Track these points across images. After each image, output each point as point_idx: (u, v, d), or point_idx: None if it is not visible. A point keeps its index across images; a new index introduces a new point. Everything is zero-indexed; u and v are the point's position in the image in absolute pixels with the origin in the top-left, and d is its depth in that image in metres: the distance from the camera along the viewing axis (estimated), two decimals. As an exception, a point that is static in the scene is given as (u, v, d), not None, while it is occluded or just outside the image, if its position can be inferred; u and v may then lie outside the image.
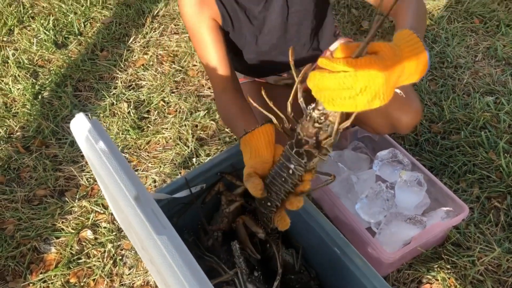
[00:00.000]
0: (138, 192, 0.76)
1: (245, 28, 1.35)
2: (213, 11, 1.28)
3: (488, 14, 2.28)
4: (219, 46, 1.29)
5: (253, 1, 1.31)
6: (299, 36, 1.43)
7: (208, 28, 1.28)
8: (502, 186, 1.64)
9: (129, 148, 1.85)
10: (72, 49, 2.30)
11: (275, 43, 1.41)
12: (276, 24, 1.37)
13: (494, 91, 1.96)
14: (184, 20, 1.30)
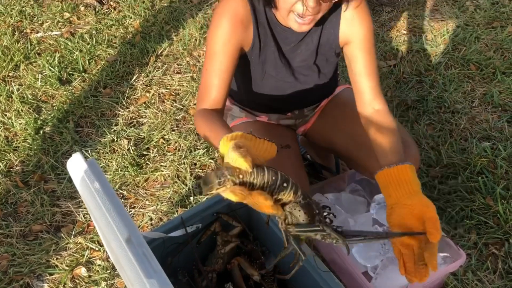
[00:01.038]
0: (130, 234, 0.76)
1: (270, 62, 1.36)
2: (247, 36, 1.27)
3: (484, 62, 2.33)
4: (230, 72, 1.27)
5: (286, 41, 1.32)
6: (316, 81, 1.46)
7: (231, 52, 1.25)
8: (500, 232, 1.63)
9: (127, 185, 1.86)
10: (76, 86, 2.34)
11: (292, 83, 1.43)
12: (300, 66, 1.39)
13: (491, 137, 1.98)
14: (212, 36, 1.25)
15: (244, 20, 1.24)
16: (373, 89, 1.32)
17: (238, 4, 1.23)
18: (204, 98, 1.27)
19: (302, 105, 1.55)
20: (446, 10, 2.70)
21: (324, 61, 1.40)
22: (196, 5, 2.89)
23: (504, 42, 2.42)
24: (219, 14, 1.24)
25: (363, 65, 1.32)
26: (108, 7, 2.91)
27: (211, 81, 1.26)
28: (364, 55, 1.32)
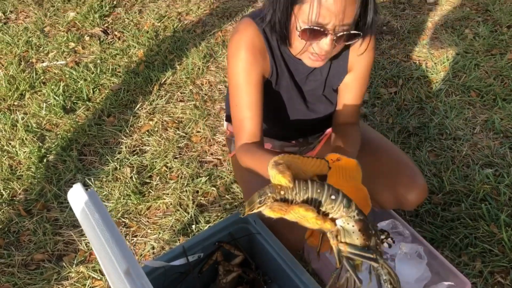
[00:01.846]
0: (129, 267, 0.76)
1: (284, 90, 1.37)
2: (266, 64, 1.28)
3: (484, 88, 2.34)
4: (260, 101, 1.27)
5: (297, 71, 1.34)
6: (322, 111, 1.47)
7: (256, 82, 1.25)
8: (505, 260, 1.61)
9: (129, 213, 1.86)
10: (80, 114, 2.37)
11: (302, 111, 1.44)
12: (308, 95, 1.41)
13: (493, 163, 1.97)
14: (234, 68, 1.25)
15: (261, 50, 1.25)
16: (352, 112, 1.39)
17: (253, 35, 1.24)
18: (240, 133, 1.27)
19: (308, 133, 1.56)
20: (445, 38, 2.73)
21: (331, 92, 1.42)
22: (199, 34, 2.93)
23: (503, 69, 2.45)
24: (236, 46, 1.24)
25: (351, 94, 1.37)
26: (112, 37, 2.96)
27: (243, 114, 1.26)
28: (358, 85, 1.36)
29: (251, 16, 1.27)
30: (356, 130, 1.36)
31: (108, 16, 3.16)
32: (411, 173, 1.41)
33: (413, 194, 1.39)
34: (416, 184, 1.39)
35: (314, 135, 1.58)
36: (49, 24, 3.10)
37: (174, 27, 2.99)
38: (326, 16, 1.06)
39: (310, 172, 0.95)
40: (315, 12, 1.05)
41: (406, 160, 1.46)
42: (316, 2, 1.04)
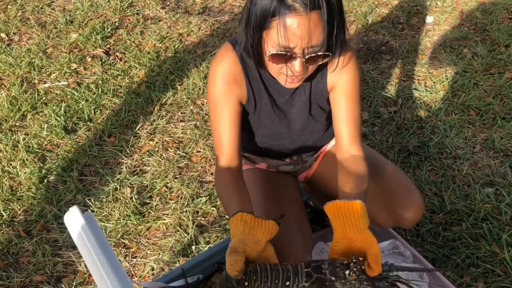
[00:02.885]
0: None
1: (265, 114, 1.40)
2: (242, 92, 1.32)
3: (484, 107, 2.35)
4: (236, 127, 1.32)
5: (279, 93, 1.36)
6: (313, 130, 1.49)
7: (231, 109, 1.30)
8: (508, 281, 1.60)
9: (129, 234, 1.85)
10: (81, 135, 2.38)
11: (290, 132, 1.46)
12: (297, 117, 1.42)
13: (494, 183, 1.97)
14: (211, 96, 1.31)
15: (237, 77, 1.29)
16: (351, 136, 1.35)
17: (230, 63, 1.28)
18: (220, 156, 1.32)
19: (300, 152, 1.57)
20: (444, 57, 2.76)
21: (318, 110, 1.43)
22: (200, 55, 2.97)
23: (502, 88, 2.46)
24: (213, 74, 1.29)
25: (344, 113, 1.35)
26: (114, 58, 2.99)
27: (221, 139, 1.31)
28: (347, 103, 1.34)
29: (231, 41, 1.31)
30: (362, 165, 1.32)
31: (110, 37, 3.20)
32: (406, 191, 1.41)
33: (410, 212, 1.38)
34: (413, 202, 1.38)
35: (309, 153, 1.59)
36: (52, 46, 3.14)
37: (175, 48, 3.02)
38: (293, 40, 1.09)
39: (264, 241, 1.07)
40: (282, 36, 1.08)
41: (401, 178, 1.45)
42: (282, 27, 1.07)
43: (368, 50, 2.88)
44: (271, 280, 1.01)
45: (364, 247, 1.07)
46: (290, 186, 1.55)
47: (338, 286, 1.01)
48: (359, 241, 1.08)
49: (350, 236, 1.10)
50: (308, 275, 1.02)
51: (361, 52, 2.86)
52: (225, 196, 1.26)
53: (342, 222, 1.13)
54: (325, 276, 1.02)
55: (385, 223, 1.46)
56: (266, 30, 1.11)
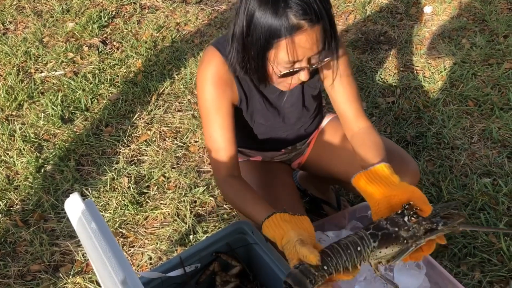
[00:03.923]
0: (125, 276, 0.76)
1: (258, 112, 1.40)
2: (233, 93, 1.32)
3: (482, 98, 2.35)
4: (232, 130, 1.32)
5: (270, 90, 1.37)
6: (306, 120, 1.50)
7: (225, 114, 1.30)
8: (504, 270, 1.61)
9: (126, 223, 1.85)
10: (78, 124, 2.37)
11: (282, 127, 1.47)
12: (291, 111, 1.44)
13: (491, 173, 1.97)
14: (203, 103, 1.30)
15: (227, 80, 1.29)
16: (356, 112, 1.38)
17: (218, 66, 1.27)
18: (219, 164, 1.31)
19: (294, 142, 1.57)
20: (442, 47, 2.75)
21: (311, 100, 1.45)
22: (197, 44, 2.95)
23: (501, 78, 2.45)
24: (202, 80, 1.29)
25: (344, 94, 1.38)
26: (111, 47, 2.97)
27: (218, 145, 1.30)
28: (344, 85, 1.37)
29: (215, 44, 1.30)
30: (375, 134, 1.35)
31: (107, 27, 3.18)
32: (401, 160, 1.43)
33: (406, 179, 1.38)
34: (408, 169, 1.40)
35: (302, 141, 1.59)
36: (48, 35, 3.11)
37: (172, 38, 3.00)
38: (300, 54, 1.11)
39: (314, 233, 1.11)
40: (290, 54, 1.10)
41: (395, 148, 1.48)
42: (290, 46, 1.08)
43: (366, 40, 2.87)
44: (344, 253, 1.03)
45: (406, 197, 1.11)
46: (284, 174, 1.56)
47: (403, 234, 1.06)
48: (399, 194, 1.12)
49: (389, 194, 1.14)
50: (374, 235, 1.05)
51: (359, 42, 2.85)
52: (244, 203, 1.25)
53: (377, 185, 1.16)
54: (388, 230, 1.06)
55: None
56: (271, 50, 1.11)
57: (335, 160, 1.55)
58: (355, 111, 1.38)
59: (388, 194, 1.14)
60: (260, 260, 1.31)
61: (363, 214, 1.71)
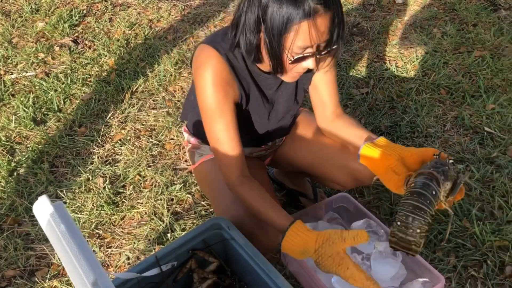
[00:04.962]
0: (96, 278, 0.75)
1: (254, 110, 1.40)
2: (235, 92, 1.30)
3: (453, 86, 2.39)
4: (237, 130, 1.31)
5: (268, 86, 1.37)
6: (293, 113, 1.53)
7: (231, 114, 1.29)
8: (478, 254, 1.64)
9: (103, 224, 1.83)
10: (51, 126, 2.33)
11: (274, 122, 1.48)
12: (283, 105, 1.45)
13: (464, 159, 2.01)
14: (207, 106, 1.27)
15: (229, 80, 1.27)
16: (337, 101, 1.48)
17: (218, 67, 1.25)
18: (230, 167, 1.31)
19: (275, 137, 1.57)
20: (414, 37, 2.78)
21: (301, 94, 1.47)
22: (170, 41, 2.92)
23: (471, 66, 2.50)
24: (203, 84, 1.25)
25: (328, 85, 1.44)
26: (83, 46, 2.92)
27: (226, 147, 1.29)
28: (330, 76, 1.43)
29: (210, 43, 1.28)
30: (352, 117, 1.48)
31: (78, 26, 3.12)
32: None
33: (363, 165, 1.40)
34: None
35: (281, 137, 1.60)
36: (17, 35, 3.05)
37: (145, 35, 2.97)
38: (314, 38, 1.11)
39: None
40: (303, 39, 1.11)
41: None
42: (305, 30, 1.09)
43: (339, 32, 2.88)
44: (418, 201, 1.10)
45: (421, 154, 1.22)
46: (259, 169, 1.56)
47: (451, 172, 1.16)
48: (414, 153, 1.23)
49: (404, 154, 1.23)
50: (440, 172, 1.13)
51: (332, 34, 2.86)
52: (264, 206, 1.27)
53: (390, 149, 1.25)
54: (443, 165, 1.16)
55: (345, 182, 1.50)
56: (287, 34, 1.11)
57: (300, 153, 1.57)
58: (337, 101, 1.47)
59: (403, 154, 1.23)
60: (237, 255, 1.31)
61: (340, 205, 1.72)
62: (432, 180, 1.12)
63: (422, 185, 1.11)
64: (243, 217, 1.36)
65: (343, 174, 1.47)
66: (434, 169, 1.14)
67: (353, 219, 1.64)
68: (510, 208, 1.77)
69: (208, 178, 1.54)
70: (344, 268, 1.11)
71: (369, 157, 1.28)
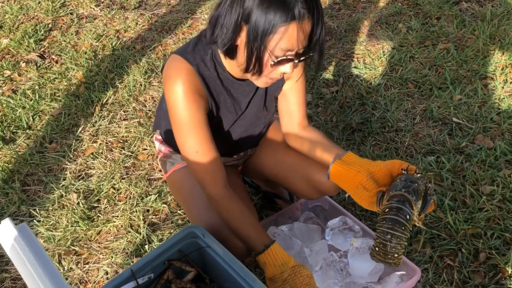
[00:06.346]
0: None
1: (226, 119, 1.39)
2: (206, 103, 1.29)
3: (421, 79, 2.43)
4: (212, 140, 1.29)
5: (243, 94, 1.37)
6: (263, 121, 1.52)
7: (205, 125, 1.27)
8: (453, 243, 1.67)
9: (79, 240, 1.80)
10: (21, 144, 2.28)
11: (246, 132, 1.48)
12: (253, 112, 1.44)
13: (434, 151, 2.04)
14: (181, 119, 1.25)
15: (199, 90, 1.26)
16: (305, 112, 1.48)
17: (189, 78, 1.24)
18: (212, 179, 1.29)
19: (247, 147, 1.57)
20: (380, 33, 2.82)
21: (271, 101, 1.47)
22: (139, 50, 2.90)
23: (437, 59, 2.54)
24: (174, 97, 1.23)
25: (297, 96, 1.44)
26: (50, 61, 2.88)
27: (205, 158, 1.28)
28: (298, 87, 1.43)
29: (180, 53, 1.27)
30: (319, 131, 1.48)
31: (44, 40, 3.08)
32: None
33: (324, 177, 1.43)
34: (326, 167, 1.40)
35: (253, 148, 1.60)
36: (-19, 53, 2.99)
37: (112, 46, 2.94)
38: (295, 44, 1.12)
39: None
40: (285, 42, 1.11)
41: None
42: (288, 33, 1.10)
43: (307, 32, 2.90)
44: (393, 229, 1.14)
45: (389, 168, 1.25)
46: (232, 175, 1.56)
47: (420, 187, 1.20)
48: (382, 167, 1.25)
49: (372, 169, 1.25)
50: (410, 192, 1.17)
51: (300, 35, 2.88)
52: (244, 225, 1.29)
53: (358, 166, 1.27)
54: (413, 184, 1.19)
55: (310, 194, 1.51)
56: (271, 35, 1.10)
57: (272, 163, 1.57)
58: (304, 111, 1.47)
59: (372, 170, 1.24)
60: (214, 262, 1.31)
61: (316, 204, 1.73)
62: (405, 203, 1.16)
63: (396, 210, 1.15)
64: (218, 224, 1.36)
65: (306, 186, 1.48)
66: (405, 190, 1.17)
67: (329, 217, 1.65)
68: (480, 196, 1.80)
69: (181, 186, 1.54)
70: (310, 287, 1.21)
71: (338, 176, 1.30)
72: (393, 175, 1.26)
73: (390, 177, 1.26)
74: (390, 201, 1.18)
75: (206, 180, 1.30)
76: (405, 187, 1.18)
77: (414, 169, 1.24)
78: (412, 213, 1.16)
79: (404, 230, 1.14)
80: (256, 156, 1.62)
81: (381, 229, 1.16)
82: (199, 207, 1.43)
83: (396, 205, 1.16)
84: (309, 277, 1.23)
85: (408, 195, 1.17)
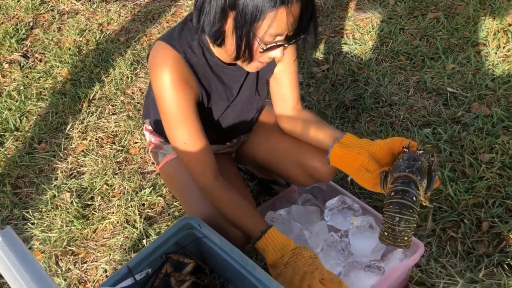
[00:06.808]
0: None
1: (217, 108, 1.35)
2: (194, 92, 1.25)
3: (412, 51, 2.38)
4: (202, 130, 1.25)
5: (234, 79, 1.32)
6: (257, 107, 1.48)
7: (195, 115, 1.23)
8: (454, 215, 1.64)
9: (75, 240, 1.77)
10: (9, 146, 2.24)
11: (238, 118, 1.43)
12: (245, 96, 1.40)
13: (430, 122, 2.01)
14: (168, 110, 1.21)
15: (188, 79, 1.22)
16: (298, 96, 1.43)
17: (176, 67, 1.19)
18: (203, 170, 1.26)
19: (240, 133, 1.53)
20: (368, 7, 2.76)
21: (263, 84, 1.43)
22: (123, 42, 2.84)
23: (427, 29, 2.49)
24: (161, 87, 1.18)
25: (289, 79, 1.40)
26: (33, 60, 2.82)
27: (196, 148, 1.24)
28: (291, 70, 1.39)
29: (165, 40, 1.21)
30: (313, 113, 1.45)
31: (26, 39, 3.01)
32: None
33: (323, 164, 1.40)
34: (322, 154, 1.37)
35: (246, 134, 1.56)
36: (-37, 57, 2.92)
37: (96, 40, 2.88)
38: (284, 28, 1.08)
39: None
40: (274, 27, 1.07)
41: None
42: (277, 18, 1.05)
43: (293, 11, 2.84)
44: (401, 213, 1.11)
45: (390, 146, 1.21)
46: (226, 162, 1.52)
47: (424, 164, 1.16)
48: (383, 146, 1.21)
49: (373, 150, 1.21)
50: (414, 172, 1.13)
51: (287, 14, 2.82)
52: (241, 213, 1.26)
53: (358, 147, 1.23)
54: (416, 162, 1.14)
55: (304, 180, 1.48)
56: (260, 22, 1.06)
57: (265, 150, 1.53)
58: (298, 94, 1.43)
59: (372, 150, 1.21)
60: (212, 252, 1.28)
61: (313, 186, 1.70)
62: (410, 184, 1.12)
63: (402, 192, 1.12)
64: (214, 214, 1.33)
65: (301, 172, 1.45)
66: (409, 170, 1.13)
67: (327, 198, 1.62)
68: (480, 164, 1.77)
69: (174, 177, 1.50)
70: (314, 268, 1.16)
71: (339, 159, 1.26)
72: (394, 153, 1.22)
73: (392, 156, 1.22)
74: (395, 184, 1.14)
75: (196, 171, 1.27)
76: (409, 167, 1.14)
77: (415, 145, 1.20)
78: (419, 194, 1.12)
79: (412, 212, 1.11)
80: (249, 143, 1.58)
81: (388, 213, 1.12)
82: (195, 198, 1.39)
83: (401, 188, 1.12)
84: (312, 258, 1.19)
85: (413, 175, 1.13)
